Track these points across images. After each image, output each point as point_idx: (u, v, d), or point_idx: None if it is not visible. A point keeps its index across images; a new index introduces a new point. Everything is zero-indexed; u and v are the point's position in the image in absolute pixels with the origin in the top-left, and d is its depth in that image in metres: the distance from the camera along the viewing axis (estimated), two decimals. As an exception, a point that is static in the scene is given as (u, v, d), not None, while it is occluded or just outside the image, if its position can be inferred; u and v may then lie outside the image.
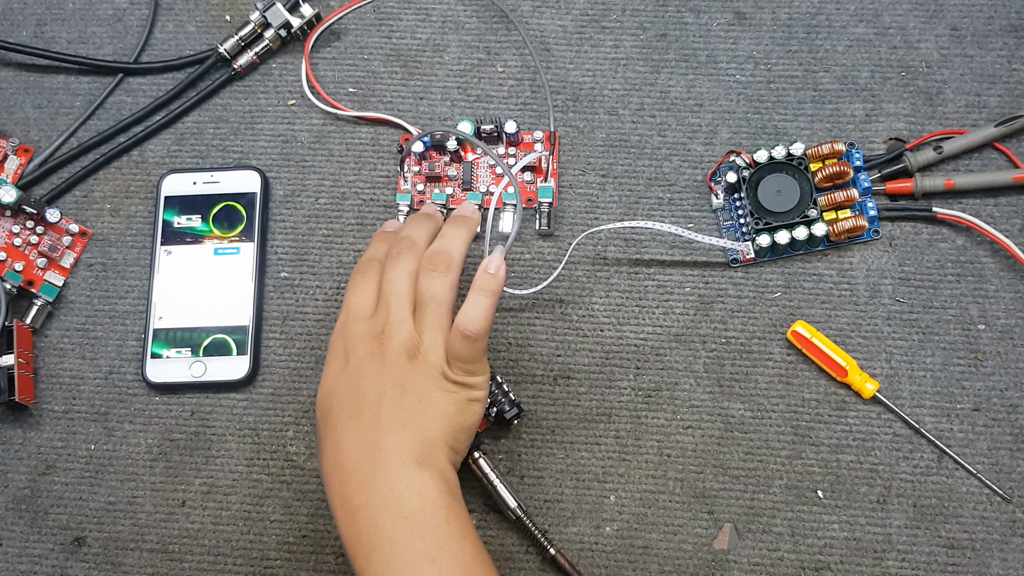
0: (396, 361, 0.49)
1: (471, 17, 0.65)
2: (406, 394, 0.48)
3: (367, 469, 0.47)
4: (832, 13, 0.63)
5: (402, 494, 0.46)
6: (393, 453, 0.47)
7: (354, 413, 0.48)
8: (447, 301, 0.50)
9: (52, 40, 0.67)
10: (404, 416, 0.48)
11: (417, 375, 0.49)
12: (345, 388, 0.49)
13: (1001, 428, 0.56)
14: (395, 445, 0.47)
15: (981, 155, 0.60)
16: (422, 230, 0.53)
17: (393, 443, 0.47)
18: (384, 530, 0.45)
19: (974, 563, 0.54)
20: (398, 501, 0.46)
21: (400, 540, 0.45)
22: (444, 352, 0.49)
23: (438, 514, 0.46)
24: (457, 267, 0.51)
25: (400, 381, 0.48)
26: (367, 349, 0.49)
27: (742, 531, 0.55)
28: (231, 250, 0.61)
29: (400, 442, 0.47)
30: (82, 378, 0.61)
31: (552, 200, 0.60)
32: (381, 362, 0.49)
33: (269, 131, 0.64)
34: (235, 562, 0.57)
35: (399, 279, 0.50)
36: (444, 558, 0.45)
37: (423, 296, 0.50)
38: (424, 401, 0.49)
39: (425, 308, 0.50)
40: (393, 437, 0.47)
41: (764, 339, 0.58)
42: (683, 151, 0.62)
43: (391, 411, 0.48)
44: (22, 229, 0.62)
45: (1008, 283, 0.58)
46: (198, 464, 0.59)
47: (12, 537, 0.58)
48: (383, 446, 0.47)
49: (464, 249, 0.52)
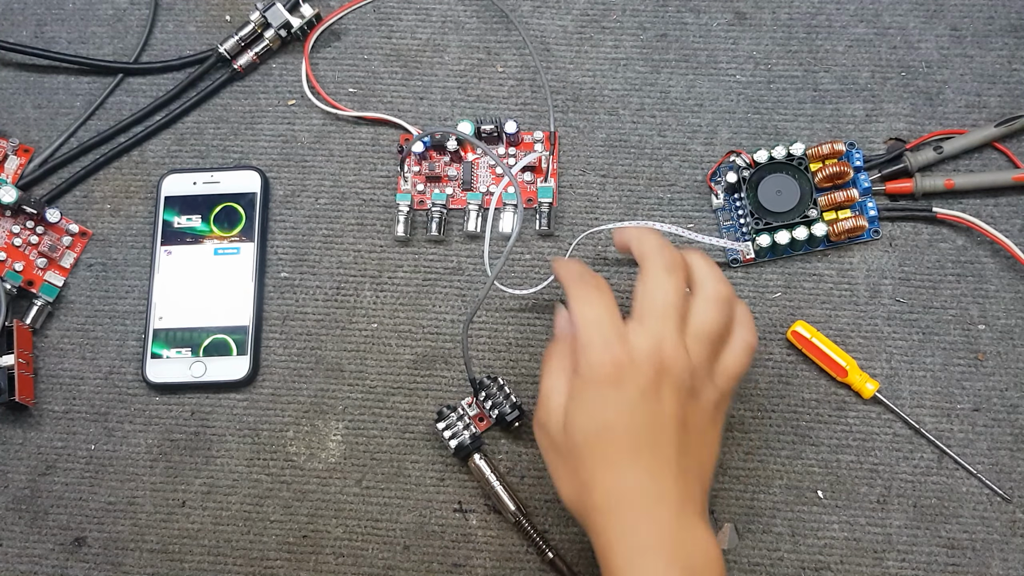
0: (677, 396, 0.45)
1: (471, 17, 0.65)
2: (688, 434, 0.46)
3: (650, 514, 0.44)
4: (832, 13, 0.63)
5: (689, 548, 0.44)
6: (679, 504, 0.45)
7: (634, 449, 0.45)
8: (719, 325, 0.47)
9: (52, 40, 0.67)
10: (687, 461, 0.46)
11: (697, 412, 0.46)
12: (620, 419, 0.45)
13: (1001, 428, 0.56)
14: (686, 494, 0.45)
15: (981, 155, 0.60)
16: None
17: (683, 490, 0.45)
18: (647, 559, 0.43)
19: (974, 563, 0.54)
20: (685, 553, 0.44)
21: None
22: (712, 379, 0.47)
23: (719, 571, 0.45)
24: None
25: (682, 419, 0.46)
26: (647, 378, 0.45)
27: (742, 531, 0.55)
28: (231, 250, 0.61)
29: (686, 491, 0.45)
30: (82, 378, 0.61)
31: (552, 200, 0.60)
32: (658, 397, 0.45)
33: (269, 131, 0.64)
34: (235, 562, 0.57)
35: (673, 293, 0.46)
36: None
37: (690, 318, 0.47)
38: (703, 441, 0.47)
39: (691, 332, 0.47)
40: (683, 484, 0.45)
41: (764, 339, 0.58)
42: (683, 151, 0.62)
43: (675, 454, 0.45)
44: (22, 229, 0.62)
45: (1008, 283, 0.58)
46: (198, 464, 0.59)
47: (12, 537, 0.58)
48: (670, 492, 0.45)
49: None
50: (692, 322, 0.47)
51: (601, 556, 0.45)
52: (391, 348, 0.60)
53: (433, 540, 0.56)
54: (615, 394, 0.45)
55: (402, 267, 0.61)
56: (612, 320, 0.46)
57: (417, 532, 0.57)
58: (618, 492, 0.45)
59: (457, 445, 0.56)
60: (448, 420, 0.56)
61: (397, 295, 0.60)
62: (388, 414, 0.59)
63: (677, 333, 0.46)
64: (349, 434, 0.58)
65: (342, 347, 0.60)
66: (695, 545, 0.44)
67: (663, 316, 0.46)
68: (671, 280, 0.47)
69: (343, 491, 0.58)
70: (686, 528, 0.45)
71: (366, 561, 0.56)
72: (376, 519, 0.57)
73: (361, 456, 0.58)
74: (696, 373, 0.46)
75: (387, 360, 0.59)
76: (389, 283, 0.61)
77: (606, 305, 0.47)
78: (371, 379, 0.59)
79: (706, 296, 0.48)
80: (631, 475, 0.45)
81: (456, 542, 0.56)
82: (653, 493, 0.45)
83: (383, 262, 0.61)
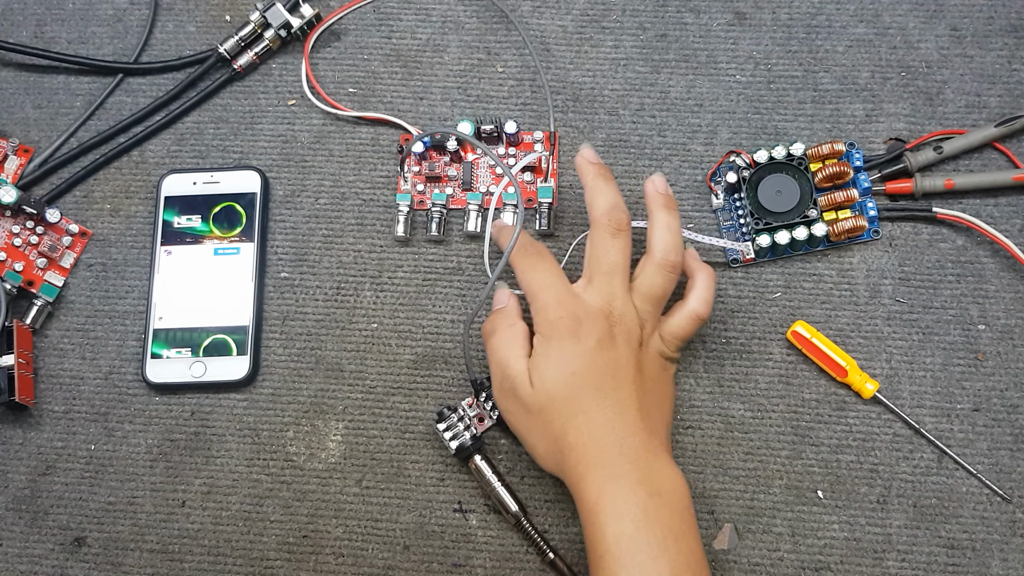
0: (629, 344, 0.51)
1: (471, 17, 0.65)
2: (644, 378, 0.51)
3: (619, 446, 0.49)
4: (832, 13, 0.63)
5: (657, 474, 0.48)
6: (647, 435, 0.49)
7: (599, 390, 0.50)
8: (664, 288, 0.53)
9: (52, 40, 0.67)
10: (648, 400, 0.51)
11: (648, 359, 0.52)
12: (583, 366, 0.50)
13: (1001, 428, 0.56)
14: (649, 427, 0.50)
15: (981, 155, 0.60)
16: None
17: (647, 425, 0.50)
18: (637, 500, 0.47)
19: (974, 563, 0.54)
20: (651, 480, 0.48)
21: (652, 512, 0.47)
22: (659, 334, 0.53)
23: (685, 500, 0.49)
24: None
25: (637, 364, 0.51)
26: (602, 329, 0.50)
27: (742, 531, 0.55)
28: (231, 250, 0.61)
29: (650, 426, 0.50)
30: (82, 378, 0.61)
31: (552, 200, 0.60)
32: (613, 344, 0.50)
33: (269, 131, 0.64)
34: (235, 562, 0.57)
35: (618, 255, 0.52)
36: (688, 539, 0.47)
37: (638, 280, 0.53)
38: (659, 385, 0.52)
39: (638, 291, 0.52)
40: (646, 419, 0.50)
41: (764, 339, 0.58)
42: (683, 151, 0.62)
43: (635, 393, 0.50)
44: (22, 229, 0.62)
45: (1008, 283, 0.58)
46: (198, 464, 0.59)
47: (12, 537, 0.58)
48: (636, 427, 0.49)
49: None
50: (639, 283, 0.52)
51: (576, 492, 0.49)
52: (391, 348, 0.60)
53: (433, 540, 0.56)
54: (575, 345, 0.50)
55: (402, 267, 0.61)
56: (562, 282, 0.52)
57: (417, 532, 0.57)
58: (588, 430, 0.49)
59: (458, 446, 0.56)
60: (449, 421, 0.56)
61: (397, 295, 0.60)
62: (388, 414, 0.59)
63: (624, 290, 0.52)
64: (349, 434, 0.58)
65: (342, 347, 0.60)
66: (661, 472, 0.49)
67: (610, 275, 0.52)
68: (616, 243, 0.52)
69: (343, 491, 0.58)
70: (653, 457, 0.49)
71: (366, 561, 0.56)
72: (376, 519, 0.57)
73: (361, 456, 0.58)
74: (644, 326, 0.52)
75: (387, 360, 0.59)
76: (389, 283, 0.61)
77: (553, 270, 0.53)
78: (371, 379, 0.59)
79: (654, 262, 0.52)
80: (599, 414, 0.49)
81: (456, 542, 0.56)
82: (620, 428, 0.49)
83: (383, 262, 0.61)
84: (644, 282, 0.52)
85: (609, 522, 0.47)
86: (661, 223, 0.53)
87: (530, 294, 0.52)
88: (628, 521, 0.47)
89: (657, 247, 0.52)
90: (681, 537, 0.47)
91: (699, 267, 0.54)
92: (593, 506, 0.48)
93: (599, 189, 0.53)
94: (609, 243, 0.52)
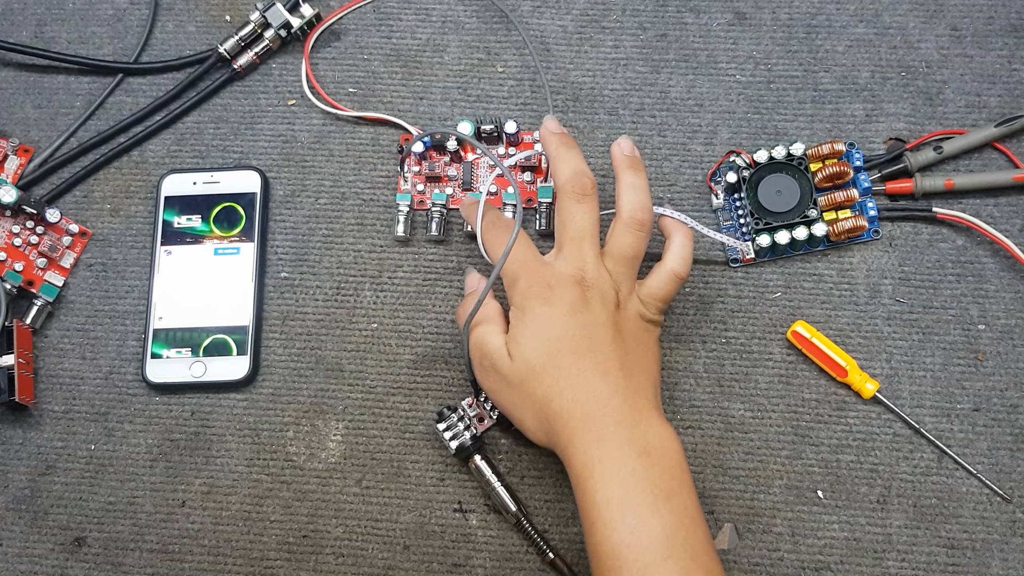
0: (604, 306, 0.50)
1: (471, 17, 0.65)
2: (624, 339, 0.50)
3: (603, 408, 0.48)
4: (832, 13, 0.63)
5: (644, 433, 0.48)
6: (632, 395, 0.49)
7: (577, 353, 0.49)
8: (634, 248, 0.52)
9: (52, 40, 0.67)
10: (630, 360, 0.50)
11: (626, 320, 0.51)
12: (559, 330, 0.50)
13: (1001, 428, 0.56)
14: (633, 387, 0.49)
15: (981, 155, 0.60)
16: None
17: (631, 385, 0.49)
18: (624, 461, 0.47)
19: (974, 563, 0.54)
20: (639, 439, 0.47)
21: (641, 472, 0.46)
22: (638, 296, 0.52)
23: (676, 457, 0.48)
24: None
25: (614, 325, 0.50)
26: (573, 293, 0.50)
27: (742, 531, 0.55)
28: (231, 250, 0.61)
29: (634, 385, 0.49)
30: (82, 378, 0.61)
31: (552, 200, 0.60)
32: (587, 307, 0.50)
33: (269, 131, 0.64)
34: (235, 562, 0.57)
35: (585, 219, 0.51)
36: (681, 497, 0.47)
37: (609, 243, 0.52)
38: (640, 345, 0.51)
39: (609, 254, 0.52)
40: (630, 380, 0.49)
41: (764, 339, 0.58)
42: (683, 151, 0.62)
43: (615, 353, 0.49)
44: (22, 229, 0.62)
45: (1008, 283, 0.58)
46: (198, 464, 0.59)
47: (12, 537, 0.58)
48: (618, 387, 0.49)
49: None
50: (610, 246, 0.52)
51: (565, 459, 0.49)
52: (391, 348, 0.60)
53: (433, 540, 0.56)
54: (548, 309, 0.50)
55: (402, 267, 0.61)
56: (531, 252, 0.52)
57: (417, 532, 0.57)
58: (572, 395, 0.49)
59: (458, 446, 0.56)
60: (449, 421, 0.56)
61: (397, 295, 0.60)
62: (388, 414, 0.59)
63: (594, 254, 0.51)
64: (349, 434, 0.58)
65: (342, 347, 0.60)
66: (649, 431, 0.48)
67: (579, 240, 0.51)
68: (580, 208, 0.52)
69: (343, 491, 0.58)
70: (640, 416, 0.48)
71: (366, 561, 0.56)
72: (376, 519, 0.57)
73: (361, 456, 0.58)
74: (619, 288, 0.51)
75: (387, 360, 0.59)
76: (389, 283, 0.61)
77: (521, 242, 0.52)
78: (371, 379, 0.59)
79: (623, 222, 0.52)
80: (579, 378, 0.49)
81: (456, 542, 0.56)
82: (602, 389, 0.48)
83: (383, 262, 0.61)
84: (614, 243, 0.52)
85: (598, 486, 0.46)
86: (627, 183, 0.53)
87: (503, 267, 0.51)
88: (616, 483, 0.46)
89: (624, 207, 0.52)
90: (673, 495, 0.46)
91: (676, 226, 0.54)
92: (582, 470, 0.47)
93: (562, 157, 0.53)
94: (575, 208, 0.51)
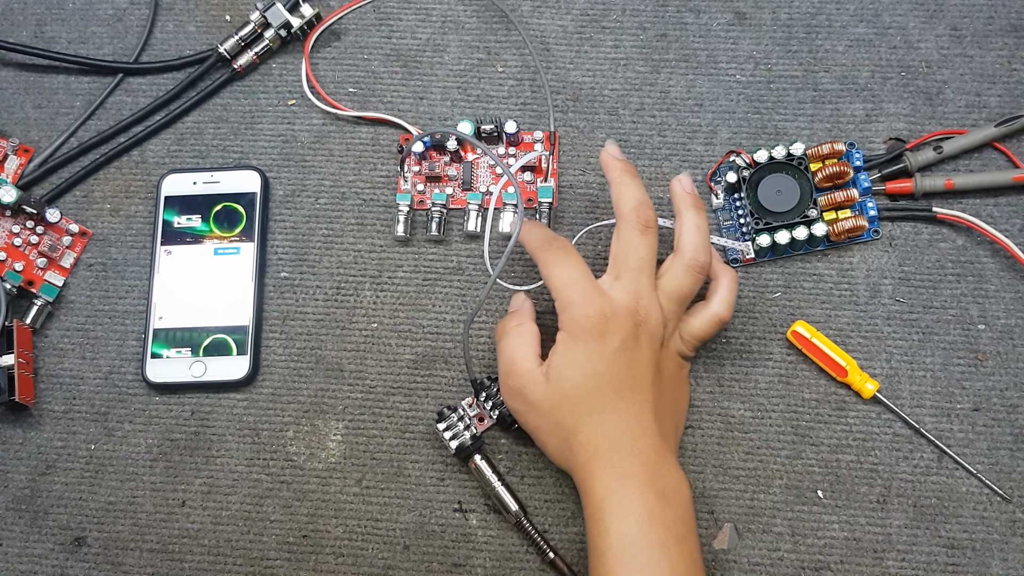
0: (651, 345, 0.50)
1: (471, 17, 0.65)
2: (662, 379, 0.51)
3: (631, 448, 0.49)
4: (832, 13, 0.63)
5: (664, 477, 0.49)
6: (659, 438, 0.49)
7: (617, 392, 0.49)
8: (690, 289, 0.52)
9: (52, 40, 0.67)
10: (663, 402, 0.51)
11: (668, 359, 0.52)
12: (606, 366, 0.49)
13: (1001, 428, 0.56)
14: (662, 430, 0.50)
15: (981, 155, 0.60)
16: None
17: (660, 428, 0.50)
18: (644, 501, 0.47)
19: (974, 563, 0.54)
20: (658, 482, 0.48)
21: (657, 514, 0.47)
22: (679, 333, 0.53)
23: (688, 504, 0.49)
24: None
25: (657, 365, 0.51)
26: (627, 328, 0.50)
27: (742, 531, 0.55)
28: (231, 250, 0.61)
29: (663, 429, 0.50)
30: (82, 378, 0.61)
31: (552, 200, 0.60)
32: (637, 344, 0.50)
33: (269, 131, 0.64)
34: (235, 562, 0.57)
35: (646, 251, 0.51)
36: (689, 542, 0.48)
37: (664, 278, 0.52)
38: (675, 385, 0.52)
39: (664, 290, 0.52)
40: (661, 422, 0.50)
41: (764, 339, 0.58)
42: (683, 151, 0.62)
43: (652, 395, 0.50)
44: (22, 229, 0.62)
45: (1008, 283, 0.58)
46: (198, 464, 0.59)
47: (12, 537, 0.58)
48: (649, 429, 0.49)
49: None
50: (665, 282, 0.52)
51: (583, 489, 0.49)
52: (391, 348, 0.60)
53: (433, 540, 0.56)
54: (601, 345, 0.49)
55: (402, 267, 0.61)
56: (588, 278, 0.51)
57: (417, 532, 0.57)
58: (603, 431, 0.49)
59: (458, 446, 0.56)
60: (449, 420, 0.56)
61: (397, 295, 0.60)
62: (388, 414, 0.59)
63: (651, 288, 0.51)
64: (349, 434, 0.58)
65: (342, 347, 0.60)
66: (668, 475, 0.49)
67: (637, 272, 0.51)
68: (643, 240, 0.51)
69: (343, 491, 0.58)
70: (662, 459, 0.49)
71: (366, 561, 0.56)
72: (376, 519, 0.57)
73: (361, 456, 0.58)
74: (667, 325, 0.52)
75: (387, 360, 0.59)
76: (389, 283, 0.61)
77: (579, 265, 0.51)
78: (371, 379, 0.59)
79: (683, 262, 0.52)
80: (615, 416, 0.49)
81: (456, 542, 0.56)
82: (635, 429, 0.49)
83: (383, 262, 0.61)
84: (671, 282, 0.52)
85: (614, 521, 0.47)
86: (690, 223, 0.52)
87: (554, 290, 0.51)
88: (632, 521, 0.47)
89: (687, 247, 0.52)
90: (682, 540, 0.47)
91: (723, 270, 0.54)
92: (599, 503, 0.48)
93: (626, 185, 0.52)
94: (638, 239, 0.51)
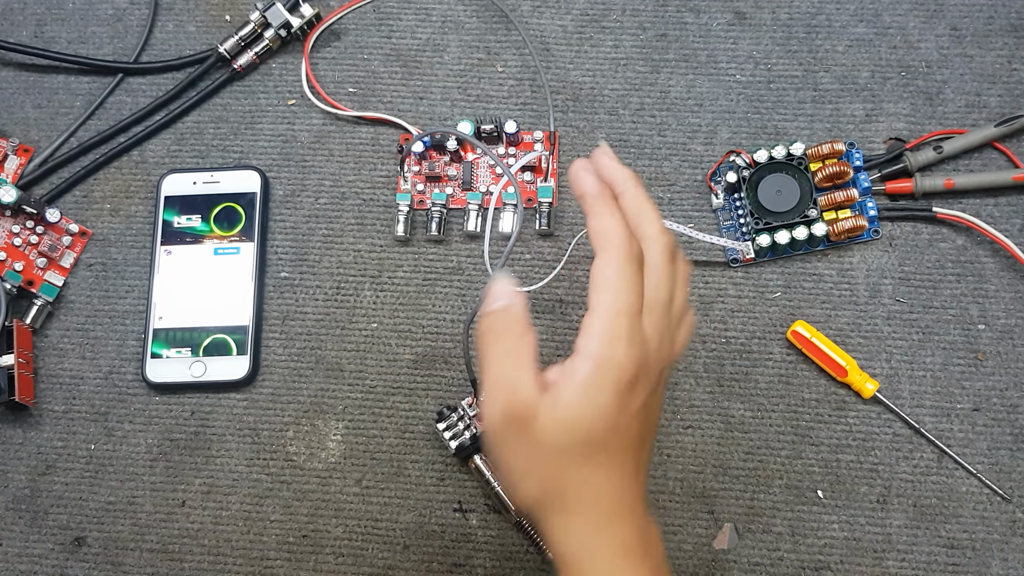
0: (662, 387, 0.43)
1: (471, 17, 0.65)
2: (647, 421, 0.43)
3: (630, 512, 0.42)
4: (832, 13, 0.63)
5: (652, 543, 0.43)
6: (641, 487, 0.43)
7: (626, 452, 0.42)
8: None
9: (52, 40, 0.67)
10: (644, 454, 0.44)
11: (656, 395, 0.43)
12: (624, 426, 0.41)
13: (1001, 428, 0.56)
14: (641, 492, 0.43)
15: (981, 155, 0.60)
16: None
17: (640, 488, 0.43)
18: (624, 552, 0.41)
19: (974, 563, 0.54)
20: (651, 550, 0.42)
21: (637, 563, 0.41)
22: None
23: (662, 552, 0.43)
24: None
25: (643, 405, 0.41)
26: (653, 382, 0.42)
27: (742, 531, 0.55)
28: (231, 250, 0.61)
29: (645, 474, 0.44)
30: (82, 378, 0.61)
31: (552, 200, 0.60)
32: (655, 396, 0.42)
33: (269, 131, 0.64)
34: (235, 562, 0.57)
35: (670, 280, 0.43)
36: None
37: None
38: (655, 422, 0.44)
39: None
40: (640, 480, 0.43)
41: (764, 339, 0.58)
42: (683, 151, 0.62)
43: (647, 448, 0.43)
44: (22, 229, 0.62)
45: (1008, 283, 0.58)
46: (198, 464, 0.59)
47: (12, 537, 0.58)
48: (635, 479, 0.43)
49: None
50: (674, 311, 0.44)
51: (553, 537, 0.42)
52: (391, 348, 0.60)
53: (433, 540, 0.56)
54: (629, 399, 0.40)
55: (402, 267, 0.61)
56: (639, 311, 0.41)
57: (417, 532, 0.57)
58: (595, 481, 0.41)
59: (458, 446, 0.56)
60: (449, 420, 0.56)
61: (397, 295, 0.60)
62: (388, 414, 0.59)
63: (672, 324, 0.44)
64: (349, 434, 0.58)
65: (342, 347, 0.60)
66: (643, 521, 0.42)
67: (666, 306, 0.43)
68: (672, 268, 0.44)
69: (343, 491, 0.58)
70: (637, 508, 0.42)
71: (366, 561, 0.56)
72: (376, 519, 0.57)
73: (361, 456, 0.58)
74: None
75: (387, 360, 0.59)
76: (389, 283, 0.61)
77: (639, 290, 0.41)
78: (371, 379, 0.59)
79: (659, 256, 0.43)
80: (619, 478, 0.42)
81: (456, 542, 0.56)
82: (631, 495, 0.42)
83: (383, 262, 0.61)
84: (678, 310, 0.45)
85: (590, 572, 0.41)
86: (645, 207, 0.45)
87: (605, 309, 0.40)
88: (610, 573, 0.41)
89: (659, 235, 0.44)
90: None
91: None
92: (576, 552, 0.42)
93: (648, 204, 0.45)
94: (667, 268, 0.43)
